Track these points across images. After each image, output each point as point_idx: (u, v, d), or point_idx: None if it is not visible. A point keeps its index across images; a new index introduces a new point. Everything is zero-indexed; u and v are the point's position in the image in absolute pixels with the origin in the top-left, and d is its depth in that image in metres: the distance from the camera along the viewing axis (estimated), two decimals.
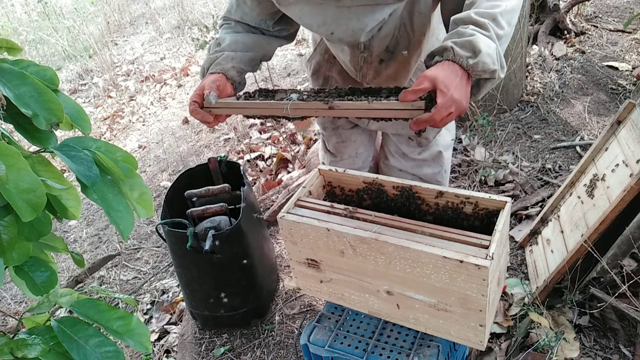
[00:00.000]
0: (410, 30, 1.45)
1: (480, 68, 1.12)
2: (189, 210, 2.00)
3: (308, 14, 1.31)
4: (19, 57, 1.02)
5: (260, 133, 3.67)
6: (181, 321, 2.35)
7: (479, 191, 2.49)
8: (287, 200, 2.03)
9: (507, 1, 1.18)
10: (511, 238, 2.25)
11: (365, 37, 1.36)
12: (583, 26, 3.75)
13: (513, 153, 2.78)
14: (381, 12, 1.29)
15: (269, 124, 3.72)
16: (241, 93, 1.46)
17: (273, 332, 2.14)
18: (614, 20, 3.77)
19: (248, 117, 1.39)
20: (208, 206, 2.00)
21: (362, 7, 1.26)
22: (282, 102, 1.27)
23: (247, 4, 1.48)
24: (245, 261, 2.01)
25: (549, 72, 3.32)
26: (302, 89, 1.40)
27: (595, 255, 1.67)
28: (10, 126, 0.95)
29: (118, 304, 2.49)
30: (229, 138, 3.75)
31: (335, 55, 1.60)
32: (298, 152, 3.23)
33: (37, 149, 0.95)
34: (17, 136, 1.07)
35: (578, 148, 2.70)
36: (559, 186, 2.19)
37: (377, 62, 1.52)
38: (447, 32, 1.42)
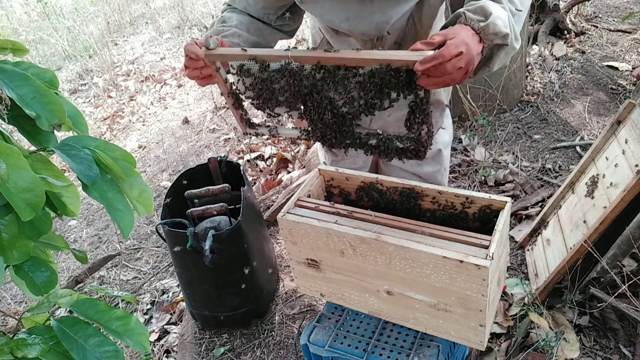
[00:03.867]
0: (418, 23, 1.44)
1: (491, 30, 1.09)
2: (189, 210, 2.00)
3: (330, 10, 1.30)
4: (22, 58, 1.02)
5: None
6: (181, 321, 2.35)
7: (479, 191, 2.49)
8: (287, 200, 2.03)
9: None
10: (511, 238, 2.25)
11: (391, 29, 1.34)
12: (583, 26, 3.75)
13: (513, 153, 2.78)
14: (405, 4, 1.27)
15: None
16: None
17: (273, 332, 2.14)
18: (614, 20, 3.77)
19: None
20: (208, 206, 2.00)
21: (385, 1, 1.24)
22: (284, 51, 1.23)
23: None
24: (245, 261, 2.01)
25: (549, 72, 3.32)
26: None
27: (595, 255, 1.67)
28: (11, 126, 0.95)
29: (118, 303, 2.49)
30: (229, 138, 3.75)
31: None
32: (298, 152, 3.23)
33: (37, 148, 0.95)
34: (16, 136, 1.07)
35: (578, 148, 2.71)
36: (559, 186, 2.19)
37: None
38: None
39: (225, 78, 1.38)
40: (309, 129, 1.38)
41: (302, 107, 1.31)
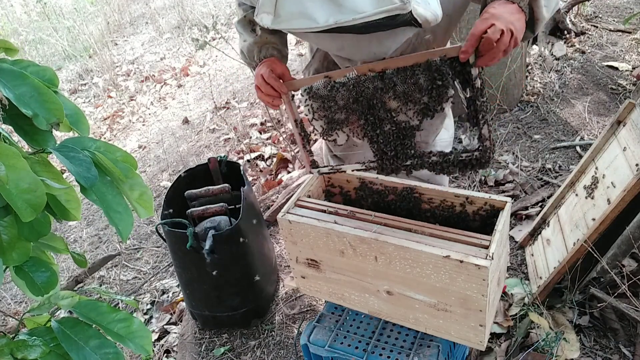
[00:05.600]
0: (431, 36, 1.42)
1: None
2: (189, 210, 2.00)
3: (325, 40, 1.30)
4: (17, 57, 1.02)
5: (260, 133, 3.67)
6: (181, 321, 2.35)
7: (479, 191, 2.49)
8: (287, 200, 2.03)
9: None
10: (511, 238, 2.25)
11: (390, 56, 1.35)
12: (583, 26, 3.75)
13: (513, 153, 2.78)
14: (403, 34, 1.26)
15: (269, 124, 3.73)
16: None
17: (273, 332, 2.14)
18: (614, 20, 3.77)
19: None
20: (208, 206, 2.00)
21: (382, 32, 1.24)
22: (347, 68, 1.29)
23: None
24: (245, 261, 2.01)
25: (549, 72, 3.32)
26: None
27: (595, 255, 1.67)
28: (10, 127, 0.95)
29: (118, 304, 2.49)
30: (229, 138, 3.75)
31: (340, 64, 1.57)
32: (298, 152, 3.23)
33: (36, 150, 0.94)
34: (16, 137, 1.06)
35: (578, 148, 2.70)
36: (559, 186, 2.19)
37: None
38: None
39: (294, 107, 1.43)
40: (372, 156, 1.39)
41: (363, 122, 1.31)
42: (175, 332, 2.31)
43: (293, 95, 1.44)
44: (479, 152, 1.24)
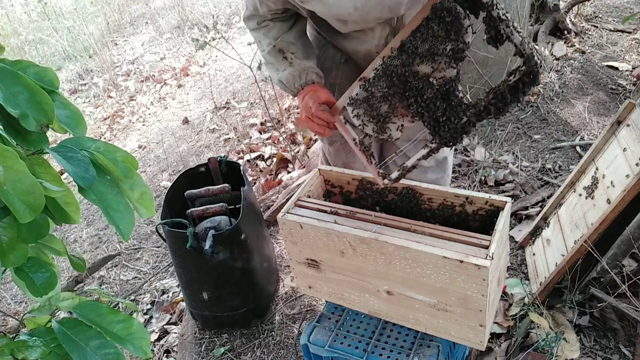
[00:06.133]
0: None
1: None
2: (189, 210, 2.00)
3: (335, 4, 1.27)
4: (16, 58, 1.00)
5: (260, 133, 3.67)
6: (181, 321, 2.36)
7: (479, 191, 2.49)
8: (287, 200, 2.03)
9: None
10: (511, 238, 2.25)
11: (406, 8, 1.30)
12: (583, 26, 3.75)
13: (513, 153, 2.78)
14: None
15: (269, 124, 3.73)
16: None
17: (273, 332, 2.14)
18: (614, 20, 3.77)
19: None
20: (208, 206, 2.00)
21: None
22: (372, 62, 1.31)
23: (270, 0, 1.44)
24: (245, 261, 2.01)
25: (549, 72, 3.32)
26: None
27: (595, 255, 1.67)
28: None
29: (118, 305, 2.49)
30: (229, 138, 3.75)
31: (353, 53, 1.55)
32: (298, 152, 3.23)
33: (32, 151, 0.93)
34: None
35: (578, 148, 2.71)
36: (559, 186, 2.19)
37: None
38: None
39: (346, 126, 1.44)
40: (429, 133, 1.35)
41: (405, 102, 1.29)
42: (175, 332, 2.31)
43: (345, 120, 1.43)
44: (524, 65, 1.15)
